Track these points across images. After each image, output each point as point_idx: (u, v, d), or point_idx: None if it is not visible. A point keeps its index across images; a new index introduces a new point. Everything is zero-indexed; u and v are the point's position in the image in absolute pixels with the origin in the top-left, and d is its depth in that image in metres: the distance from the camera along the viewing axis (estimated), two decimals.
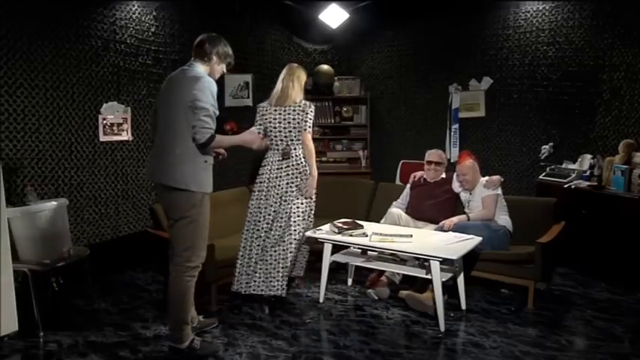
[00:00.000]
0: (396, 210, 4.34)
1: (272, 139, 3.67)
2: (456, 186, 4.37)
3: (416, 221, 4.30)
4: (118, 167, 4.67)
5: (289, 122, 3.60)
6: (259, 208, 3.67)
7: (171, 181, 2.85)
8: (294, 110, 3.61)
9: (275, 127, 3.64)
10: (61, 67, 4.15)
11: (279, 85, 3.71)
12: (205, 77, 2.90)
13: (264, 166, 3.72)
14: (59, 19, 4.10)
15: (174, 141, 2.85)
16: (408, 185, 4.60)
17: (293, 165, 3.64)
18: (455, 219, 4.03)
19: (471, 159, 4.27)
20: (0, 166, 3.37)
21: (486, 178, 4.20)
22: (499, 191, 4.13)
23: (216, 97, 2.89)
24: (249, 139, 3.16)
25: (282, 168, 3.65)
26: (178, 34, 5.07)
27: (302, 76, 3.73)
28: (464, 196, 4.30)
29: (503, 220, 4.07)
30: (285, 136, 3.63)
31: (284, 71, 3.77)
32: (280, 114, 3.64)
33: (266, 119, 3.67)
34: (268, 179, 3.66)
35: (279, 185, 3.63)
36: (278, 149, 3.66)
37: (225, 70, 3.15)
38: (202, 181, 2.90)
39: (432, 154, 4.51)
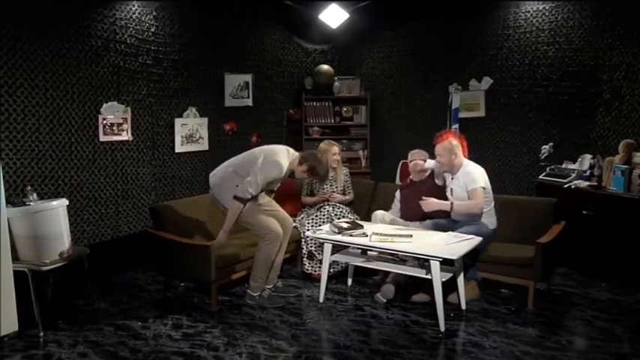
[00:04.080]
0: (380, 212, 4.35)
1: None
2: (438, 179, 4.34)
3: (408, 222, 4.27)
4: (118, 167, 4.67)
5: None
6: None
7: (216, 195, 3.88)
8: None
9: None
10: (61, 67, 4.15)
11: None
12: (278, 167, 3.72)
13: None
14: (59, 19, 4.10)
15: (233, 175, 3.77)
16: (398, 191, 4.59)
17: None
18: (436, 202, 3.88)
19: (453, 140, 4.02)
20: (0, 166, 3.38)
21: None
22: (483, 184, 3.91)
23: (271, 179, 3.75)
24: (223, 236, 3.73)
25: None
26: (178, 34, 5.08)
27: None
28: (448, 180, 4.16)
29: (486, 218, 3.97)
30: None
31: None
32: None
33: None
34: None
35: None
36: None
37: (307, 179, 4.25)
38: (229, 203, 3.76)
39: (413, 154, 4.50)
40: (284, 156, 3.81)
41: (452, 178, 4.10)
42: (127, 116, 4.67)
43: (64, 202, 3.66)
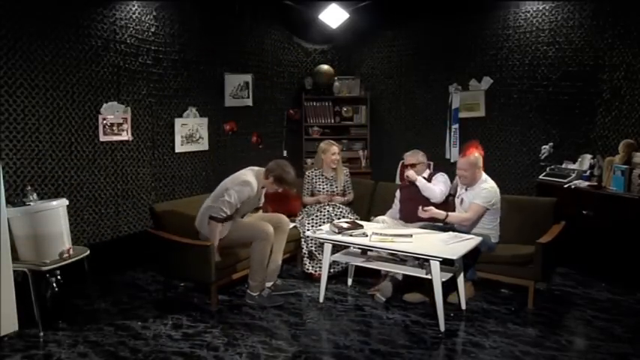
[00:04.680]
0: (380, 217, 4.37)
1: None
2: (439, 184, 4.28)
3: (408, 224, 4.26)
4: (118, 167, 4.67)
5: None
6: None
7: (200, 229, 3.99)
8: None
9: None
10: (61, 67, 4.15)
11: None
12: (248, 185, 3.82)
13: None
14: (59, 19, 4.10)
15: (209, 209, 3.84)
16: (398, 190, 4.59)
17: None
18: (434, 211, 3.86)
19: (477, 153, 4.00)
20: (0, 166, 3.38)
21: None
22: (488, 206, 3.89)
23: (245, 198, 3.83)
24: (215, 254, 3.76)
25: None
26: (178, 34, 5.08)
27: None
28: (461, 190, 4.14)
29: (492, 232, 3.98)
30: None
31: None
32: None
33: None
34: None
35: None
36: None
37: (279, 190, 4.02)
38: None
39: (407, 158, 4.47)
40: (251, 175, 3.92)
41: (466, 189, 4.06)
42: (127, 116, 4.67)
43: (64, 202, 3.66)
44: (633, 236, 4.03)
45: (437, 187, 4.25)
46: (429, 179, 4.38)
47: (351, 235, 3.74)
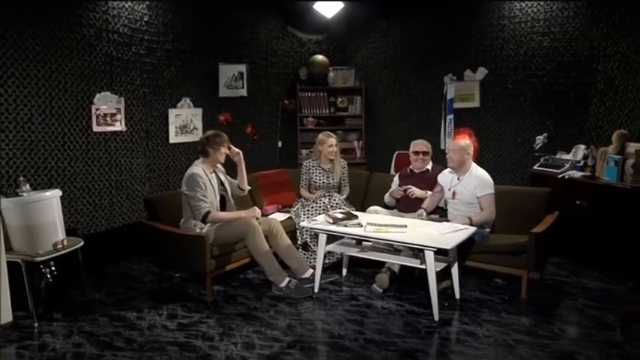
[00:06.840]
0: (373, 207, 4.39)
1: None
2: (442, 177, 4.30)
3: (403, 214, 4.28)
4: (112, 158, 4.64)
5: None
6: None
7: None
8: None
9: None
10: (53, 57, 4.10)
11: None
12: (192, 174, 3.85)
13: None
14: (50, 8, 4.05)
15: (188, 220, 3.96)
16: (397, 176, 4.61)
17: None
18: (459, 217, 3.89)
19: (468, 139, 4.04)
20: None
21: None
22: (493, 190, 3.95)
23: (204, 187, 3.83)
24: (244, 215, 3.95)
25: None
26: (172, 23, 5.03)
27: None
28: (448, 177, 4.12)
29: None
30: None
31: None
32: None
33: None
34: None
35: None
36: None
37: (228, 151, 4.06)
38: None
39: (418, 145, 4.51)
40: (194, 166, 3.97)
41: (458, 179, 4.04)
42: (120, 106, 4.63)
43: (57, 192, 3.64)
44: (626, 226, 4.05)
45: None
46: (432, 171, 4.43)
47: (345, 226, 3.75)
